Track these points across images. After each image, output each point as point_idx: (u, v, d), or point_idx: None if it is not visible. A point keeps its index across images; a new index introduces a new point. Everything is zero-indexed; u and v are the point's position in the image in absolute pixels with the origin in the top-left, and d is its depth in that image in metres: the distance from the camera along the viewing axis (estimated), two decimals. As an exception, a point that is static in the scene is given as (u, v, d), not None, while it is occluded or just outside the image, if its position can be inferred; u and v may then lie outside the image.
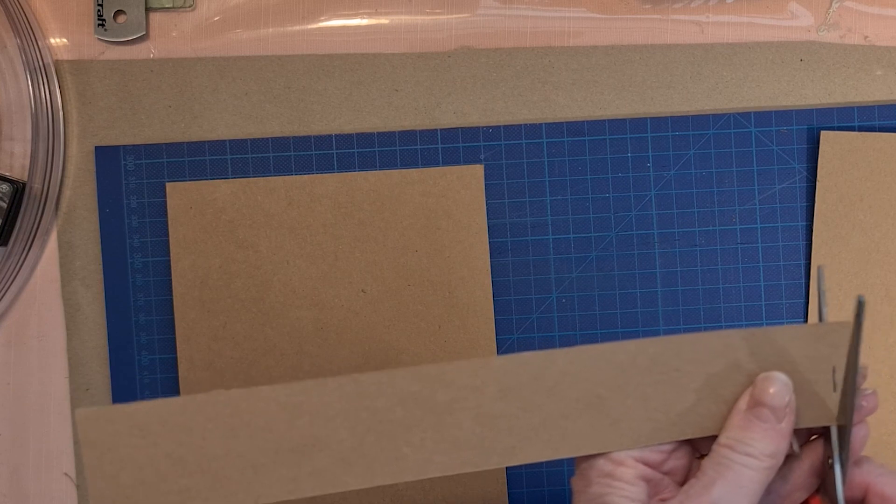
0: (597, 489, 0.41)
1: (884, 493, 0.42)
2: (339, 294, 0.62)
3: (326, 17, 0.64)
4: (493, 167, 0.63)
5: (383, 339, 0.62)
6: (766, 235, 0.62)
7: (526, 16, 0.63)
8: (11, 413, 0.63)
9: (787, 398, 0.41)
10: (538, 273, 0.62)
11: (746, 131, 0.62)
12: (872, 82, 0.62)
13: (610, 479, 0.41)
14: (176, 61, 0.63)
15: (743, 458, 0.40)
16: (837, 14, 0.63)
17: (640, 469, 0.42)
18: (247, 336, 0.62)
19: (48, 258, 0.63)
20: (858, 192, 0.61)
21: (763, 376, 0.42)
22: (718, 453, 0.41)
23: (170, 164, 0.63)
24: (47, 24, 0.63)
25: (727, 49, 0.63)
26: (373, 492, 0.62)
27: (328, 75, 0.63)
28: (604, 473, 0.41)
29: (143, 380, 0.63)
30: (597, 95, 0.63)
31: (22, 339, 0.63)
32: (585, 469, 0.42)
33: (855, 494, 0.42)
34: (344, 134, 0.63)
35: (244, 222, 0.62)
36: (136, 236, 0.63)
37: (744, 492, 0.39)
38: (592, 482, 0.41)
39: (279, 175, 0.63)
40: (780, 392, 0.41)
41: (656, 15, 0.63)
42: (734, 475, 0.40)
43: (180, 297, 0.62)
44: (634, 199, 0.62)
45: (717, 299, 0.62)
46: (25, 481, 0.63)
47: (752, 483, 0.40)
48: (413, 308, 0.62)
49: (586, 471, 0.42)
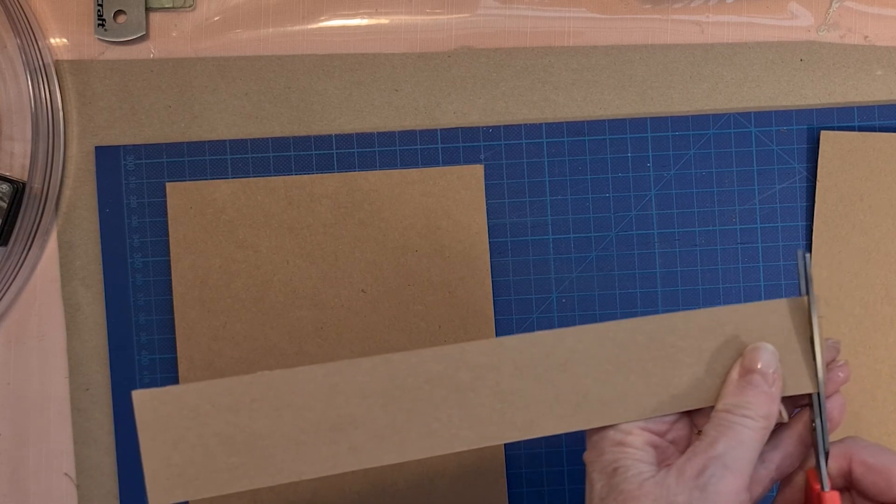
0: (609, 456, 0.45)
1: (866, 461, 0.45)
2: (339, 294, 0.62)
3: (326, 17, 0.64)
4: (493, 167, 0.63)
5: (383, 339, 0.62)
6: (766, 235, 0.62)
7: (526, 16, 0.63)
8: (11, 413, 0.63)
9: (774, 365, 0.45)
10: (538, 273, 0.62)
11: (746, 131, 0.62)
12: (872, 82, 0.62)
13: (622, 447, 0.45)
14: (176, 61, 0.63)
15: (741, 419, 0.44)
16: (837, 14, 0.63)
17: (648, 436, 0.45)
18: (247, 336, 0.62)
19: (48, 258, 0.63)
20: (858, 192, 0.61)
21: (751, 347, 0.46)
22: (718, 417, 0.45)
23: (170, 164, 0.63)
24: (47, 24, 0.63)
25: (727, 49, 0.63)
26: (373, 492, 0.62)
27: (328, 75, 0.63)
28: (615, 442, 0.45)
29: (143, 380, 0.63)
30: (597, 95, 0.63)
31: (22, 338, 0.63)
32: (597, 441, 0.46)
33: (841, 464, 0.46)
34: (344, 134, 0.63)
35: (244, 222, 0.62)
36: (136, 236, 0.63)
37: (744, 447, 0.43)
38: (605, 451, 0.45)
39: (279, 175, 0.63)
40: (768, 359, 0.45)
41: (656, 15, 0.63)
42: (734, 433, 0.44)
43: (180, 297, 0.62)
44: (634, 199, 0.62)
45: (718, 299, 0.62)
46: (25, 481, 0.63)
47: (751, 441, 0.44)
48: (413, 308, 0.62)
49: (598, 442, 0.46)
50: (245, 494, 0.62)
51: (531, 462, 0.62)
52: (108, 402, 0.63)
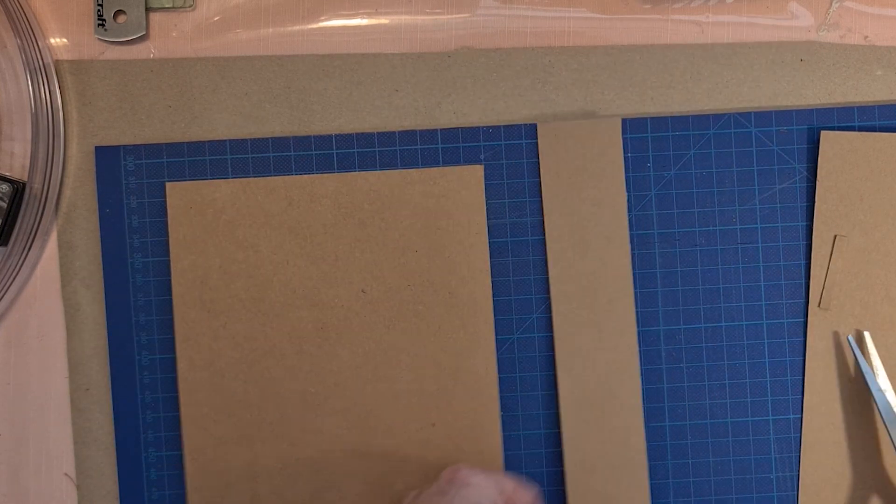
0: None
1: None
2: (339, 294, 0.62)
3: (326, 17, 0.64)
4: (493, 167, 0.63)
5: (383, 339, 0.62)
6: (767, 235, 0.62)
7: (526, 16, 0.63)
8: (11, 413, 0.63)
9: None
10: (538, 273, 0.62)
11: (747, 131, 0.62)
12: (872, 82, 0.62)
13: None
14: (176, 61, 0.63)
15: None
16: (837, 14, 0.63)
17: None
18: (247, 336, 0.62)
19: (48, 258, 0.63)
20: (859, 192, 0.61)
21: None
22: None
23: (170, 164, 0.63)
24: (47, 24, 0.63)
25: (727, 49, 0.63)
26: (372, 493, 0.62)
27: (328, 75, 0.63)
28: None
29: (143, 380, 0.63)
30: (597, 95, 0.63)
31: (22, 339, 0.63)
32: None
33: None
34: (344, 134, 0.63)
35: (244, 222, 0.62)
36: (136, 236, 0.63)
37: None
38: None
39: (279, 175, 0.63)
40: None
41: (656, 15, 0.63)
42: None
43: (180, 297, 0.62)
44: (635, 199, 0.62)
45: (718, 299, 0.62)
46: (25, 481, 0.63)
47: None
48: (413, 308, 0.62)
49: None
50: (245, 494, 0.62)
51: (531, 462, 0.62)
52: (108, 402, 0.63)
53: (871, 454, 0.61)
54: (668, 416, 0.62)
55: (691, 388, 0.62)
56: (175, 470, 0.62)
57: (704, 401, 0.62)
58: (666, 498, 0.62)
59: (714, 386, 0.62)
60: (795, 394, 0.62)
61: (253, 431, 0.62)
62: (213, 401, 0.62)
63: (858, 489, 0.61)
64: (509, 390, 0.62)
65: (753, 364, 0.62)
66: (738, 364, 0.62)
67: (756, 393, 0.62)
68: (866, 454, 0.61)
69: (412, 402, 0.62)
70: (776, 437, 0.62)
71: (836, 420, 0.61)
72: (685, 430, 0.62)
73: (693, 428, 0.62)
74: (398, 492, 0.61)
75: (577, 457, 0.61)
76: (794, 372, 0.62)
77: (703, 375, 0.62)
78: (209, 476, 0.62)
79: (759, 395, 0.62)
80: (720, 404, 0.62)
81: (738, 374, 0.62)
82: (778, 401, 0.62)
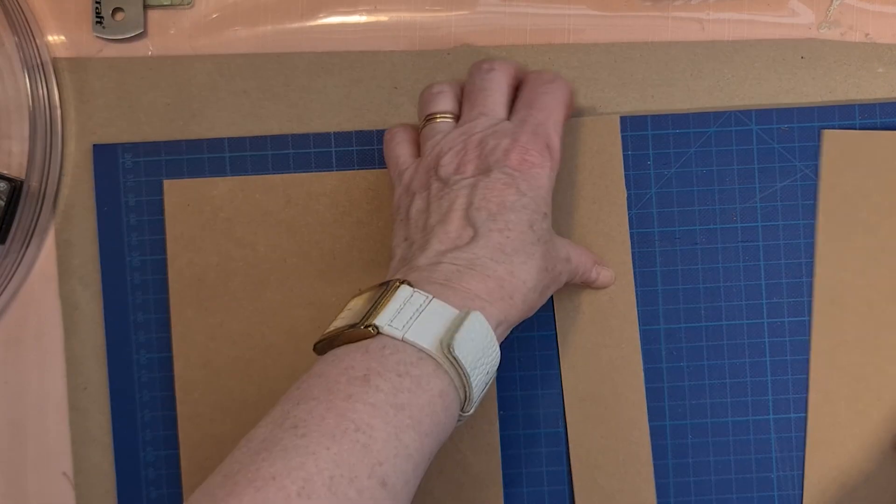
0: None
1: None
2: (337, 293, 0.62)
3: (325, 15, 0.64)
4: (493, 165, 0.62)
5: (382, 337, 0.62)
6: (768, 233, 0.62)
7: (526, 13, 0.63)
8: (9, 412, 0.63)
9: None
10: (538, 271, 0.62)
11: (747, 129, 0.62)
12: (874, 80, 0.62)
13: None
14: (174, 59, 0.63)
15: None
16: (838, 11, 0.63)
17: None
18: (244, 334, 0.62)
19: (46, 256, 0.63)
20: (862, 190, 0.61)
21: None
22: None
23: (168, 162, 0.63)
24: (45, 21, 0.63)
25: (728, 47, 0.62)
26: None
27: (327, 73, 0.63)
28: None
29: (141, 378, 0.62)
30: (597, 93, 0.63)
31: (20, 337, 0.63)
32: None
33: None
34: (343, 132, 0.63)
35: (242, 220, 0.62)
36: (134, 234, 0.63)
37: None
38: None
39: (277, 173, 0.62)
40: None
41: (657, 12, 0.63)
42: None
43: (177, 295, 0.62)
44: (635, 198, 0.62)
45: (718, 298, 0.62)
46: (24, 481, 0.63)
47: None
48: (412, 307, 0.62)
49: None
50: (243, 494, 0.61)
51: (531, 462, 0.62)
52: (106, 401, 0.63)
53: (876, 454, 0.61)
54: (668, 416, 0.62)
55: (692, 386, 0.62)
56: (173, 469, 0.62)
57: (705, 400, 0.62)
58: (666, 497, 0.61)
59: (715, 385, 0.62)
60: (797, 392, 0.61)
61: (250, 430, 0.61)
62: (210, 399, 0.61)
63: (863, 489, 0.61)
64: (509, 389, 0.62)
65: (754, 363, 0.62)
66: (738, 363, 0.62)
67: (757, 392, 0.61)
68: (871, 454, 0.61)
69: (411, 401, 0.61)
70: (777, 436, 0.61)
71: (841, 419, 0.61)
72: (686, 429, 0.62)
73: (693, 427, 0.62)
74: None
75: (582, 453, 0.61)
76: (795, 371, 0.61)
77: (704, 374, 0.62)
78: (207, 474, 0.61)
79: (760, 394, 0.61)
80: (721, 403, 0.62)
81: (738, 372, 0.62)
82: (779, 400, 0.61)
